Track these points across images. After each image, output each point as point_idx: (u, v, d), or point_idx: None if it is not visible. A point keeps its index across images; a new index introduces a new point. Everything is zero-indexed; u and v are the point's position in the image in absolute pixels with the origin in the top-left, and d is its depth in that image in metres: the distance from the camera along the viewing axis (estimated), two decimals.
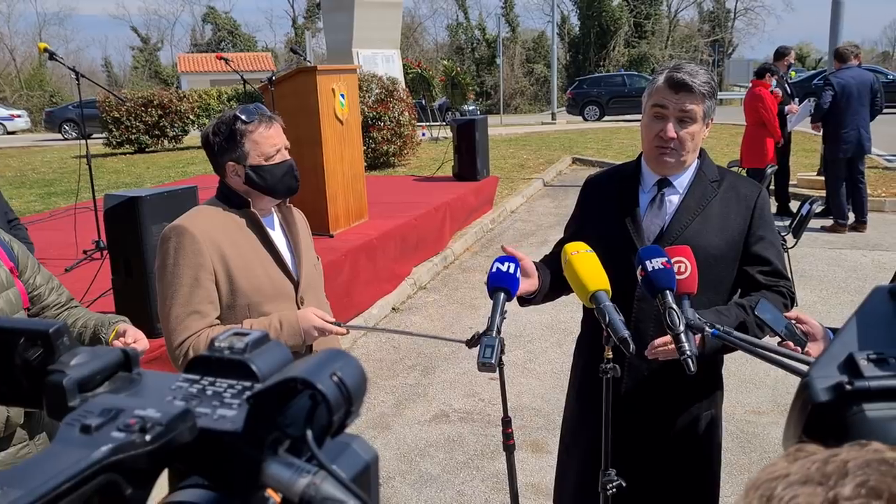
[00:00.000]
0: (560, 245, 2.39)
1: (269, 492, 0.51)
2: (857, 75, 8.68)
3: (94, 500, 0.44)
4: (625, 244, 2.16)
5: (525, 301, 2.27)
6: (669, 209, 2.20)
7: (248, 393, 0.51)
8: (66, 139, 27.38)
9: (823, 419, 0.62)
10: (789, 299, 2.21)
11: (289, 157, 2.30)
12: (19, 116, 35.05)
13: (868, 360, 0.64)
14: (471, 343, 2.04)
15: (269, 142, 2.24)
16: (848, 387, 0.62)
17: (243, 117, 2.21)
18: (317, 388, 0.48)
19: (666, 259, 1.85)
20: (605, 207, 2.28)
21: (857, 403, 0.61)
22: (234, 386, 0.53)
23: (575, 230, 2.36)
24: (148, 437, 0.45)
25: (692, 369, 1.74)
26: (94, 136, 19.31)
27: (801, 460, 0.49)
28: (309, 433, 0.48)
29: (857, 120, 8.58)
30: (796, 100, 9.49)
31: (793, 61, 9.79)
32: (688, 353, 1.73)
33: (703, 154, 2.28)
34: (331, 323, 2.29)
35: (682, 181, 2.22)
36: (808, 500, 0.46)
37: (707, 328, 1.76)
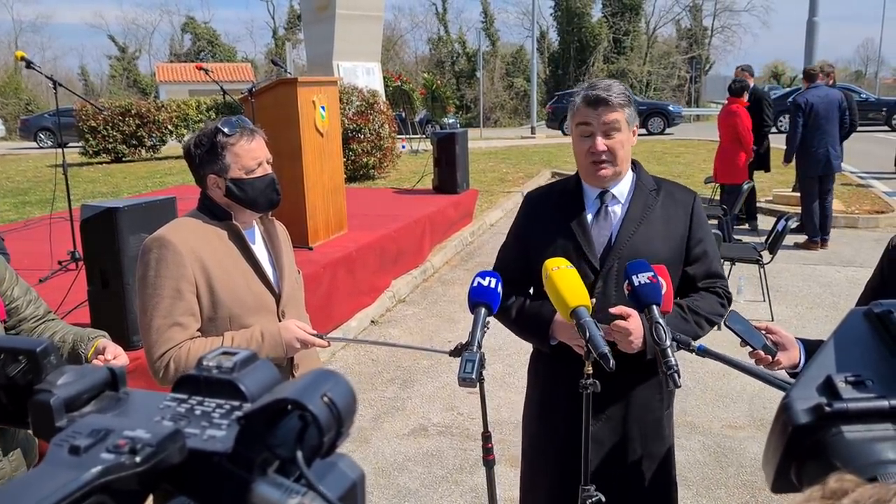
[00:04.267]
0: (504, 264, 2.40)
1: None
2: (823, 94, 8.79)
3: None
4: (577, 256, 2.19)
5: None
6: (614, 220, 2.26)
7: (236, 413, 0.51)
8: (41, 147, 27.07)
9: (803, 440, 0.63)
10: (725, 298, 2.28)
11: (270, 171, 2.30)
12: None
13: (846, 382, 0.65)
14: (454, 353, 2.05)
15: (250, 155, 2.23)
16: (827, 409, 0.63)
17: (225, 130, 2.20)
18: (308, 409, 0.48)
19: (652, 274, 1.88)
20: (551, 223, 2.30)
21: (836, 425, 0.63)
22: (223, 406, 0.53)
23: (520, 246, 2.37)
24: (138, 459, 0.45)
25: (678, 384, 1.77)
26: (70, 144, 19.12)
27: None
28: (299, 454, 0.48)
29: (826, 138, 8.68)
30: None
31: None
32: (674, 367, 1.75)
33: (637, 166, 2.35)
34: (312, 335, 2.29)
35: (622, 192, 2.28)
36: None
37: (693, 343, 1.78)
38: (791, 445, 0.63)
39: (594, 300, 2.06)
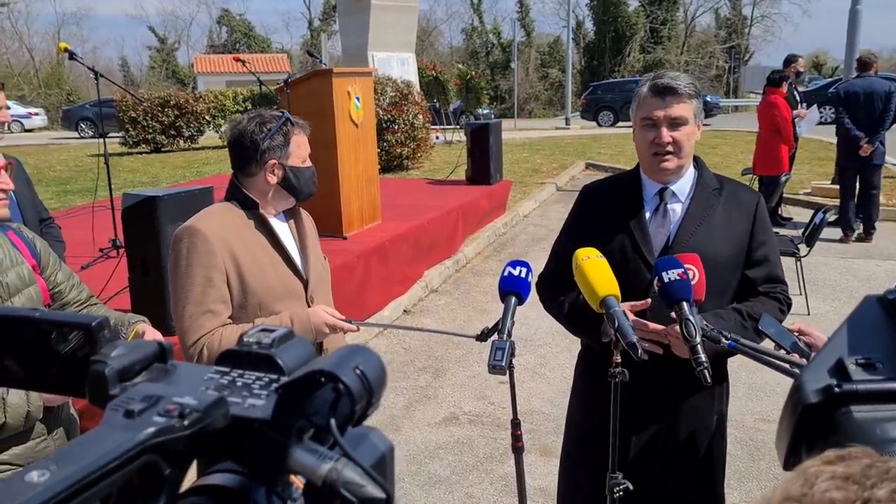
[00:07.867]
0: (558, 258, 2.40)
1: (293, 478, 0.56)
2: (867, 84, 8.63)
3: (135, 478, 0.48)
4: (634, 254, 2.18)
5: None
6: (674, 218, 2.23)
7: (275, 384, 0.56)
8: (82, 137, 27.65)
9: (813, 420, 0.66)
10: (785, 304, 2.26)
11: (311, 164, 2.44)
12: (37, 114, 35.53)
13: (856, 364, 0.67)
14: (480, 337, 2.08)
15: (305, 146, 2.40)
16: (837, 389, 0.65)
17: (292, 120, 2.36)
18: (341, 379, 0.52)
19: (682, 270, 1.88)
20: (609, 217, 2.28)
21: (846, 405, 0.65)
22: (262, 378, 0.57)
23: (575, 239, 2.29)
24: (186, 422, 0.49)
25: (708, 381, 1.77)
26: (111, 134, 19.49)
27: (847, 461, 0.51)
28: (333, 422, 0.52)
29: (863, 129, 8.53)
30: (804, 105, 9.46)
31: (801, 69, 9.79)
32: (704, 364, 1.76)
33: (700, 164, 2.30)
34: (342, 320, 2.35)
35: (683, 189, 2.24)
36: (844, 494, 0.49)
37: (724, 340, 1.79)
38: (802, 424, 0.66)
39: (651, 299, 2.06)
